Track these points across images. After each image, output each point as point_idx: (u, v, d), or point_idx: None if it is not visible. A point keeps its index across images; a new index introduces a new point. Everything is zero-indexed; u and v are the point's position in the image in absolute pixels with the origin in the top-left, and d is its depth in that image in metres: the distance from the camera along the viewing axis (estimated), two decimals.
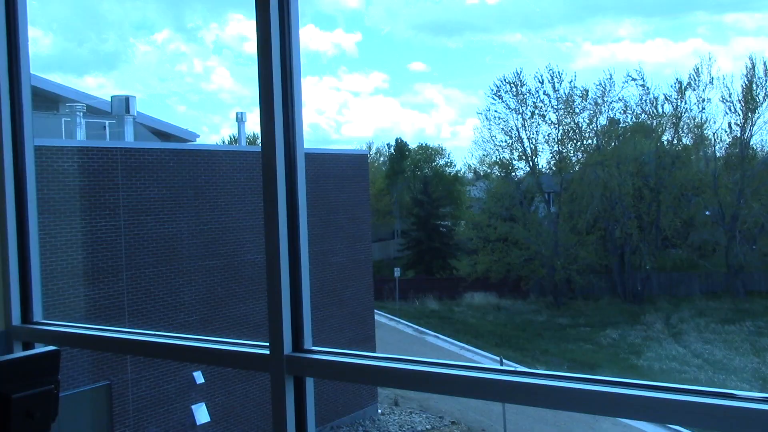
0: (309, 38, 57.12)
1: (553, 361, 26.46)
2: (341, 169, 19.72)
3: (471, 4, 56.21)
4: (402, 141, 56.28)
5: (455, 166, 54.24)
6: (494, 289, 37.58)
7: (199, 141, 24.09)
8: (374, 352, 18.02)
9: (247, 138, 24.89)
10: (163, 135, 21.64)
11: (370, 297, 20.51)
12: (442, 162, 55.16)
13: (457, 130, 64.33)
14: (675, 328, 29.70)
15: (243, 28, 56.52)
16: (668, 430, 18.19)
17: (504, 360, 22.13)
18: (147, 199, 14.94)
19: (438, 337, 29.70)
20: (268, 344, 2.68)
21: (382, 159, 57.55)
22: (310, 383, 2.67)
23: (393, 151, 56.18)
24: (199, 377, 14.96)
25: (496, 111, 40.07)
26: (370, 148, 55.19)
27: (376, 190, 47.39)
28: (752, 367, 24.77)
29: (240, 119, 21.32)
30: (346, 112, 66.34)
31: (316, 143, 69.21)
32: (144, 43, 58.87)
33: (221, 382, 15.87)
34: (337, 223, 19.06)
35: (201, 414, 15.04)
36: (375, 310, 22.11)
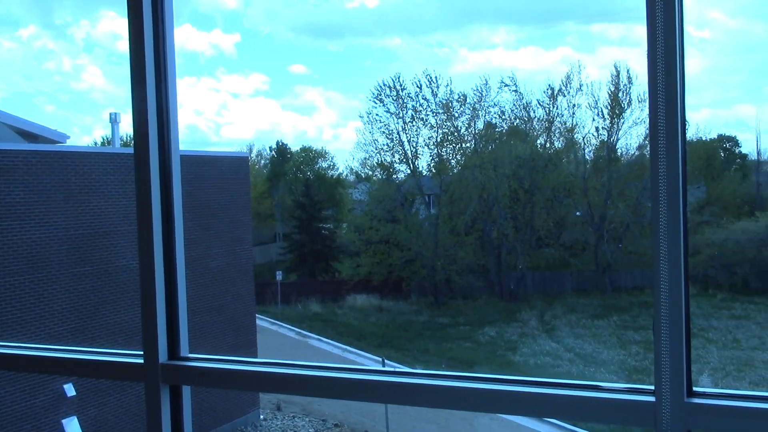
0: (186, 38, 55.82)
1: (434, 360, 26.97)
2: (221, 172, 19.34)
3: (351, 8, 56.63)
4: (283, 143, 55.95)
5: (337, 168, 54.46)
6: (376, 290, 37.90)
7: (69, 142, 22.99)
8: (255, 357, 17.79)
9: (121, 140, 24.00)
10: (29, 136, 20.50)
11: (252, 301, 20.21)
12: (324, 165, 55.21)
13: (339, 133, 64.61)
14: (548, 324, 30.93)
15: (116, 25, 54.55)
16: (544, 422, 18.93)
17: (386, 360, 22.36)
18: (12, 203, 14.12)
19: (321, 340, 29.65)
20: (142, 353, 2.58)
21: (263, 162, 56.94)
22: (187, 392, 2.60)
23: (274, 153, 55.71)
24: (70, 389, 14.26)
25: (377, 114, 40.46)
26: (250, 151, 54.53)
27: (257, 193, 46.81)
28: (619, 359, 26.14)
29: (114, 120, 20.51)
30: (225, 114, 65.25)
31: (194, 145, 67.67)
32: (8, 39, 55.76)
33: (94, 394, 15.21)
34: (216, 227, 18.67)
35: (72, 428, 14.35)
36: (256, 315, 21.82)
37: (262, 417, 19.99)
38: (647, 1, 1.94)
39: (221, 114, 65.25)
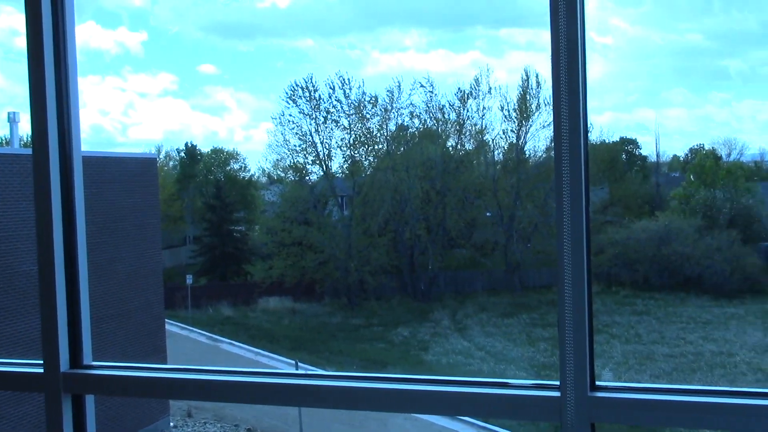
0: (90, 35, 53.94)
1: (347, 361, 27.00)
2: (128, 174, 18.81)
3: (262, 8, 56.02)
4: (193, 145, 54.80)
5: (249, 170, 53.74)
6: (289, 293, 37.62)
7: None
8: (165, 363, 17.37)
9: (21, 140, 23.02)
10: None
11: (160, 306, 19.74)
12: (235, 166, 54.41)
13: (251, 134, 63.76)
14: (460, 323, 31.43)
15: (14, 21, 52.25)
16: (457, 420, 19.21)
17: (300, 363, 22.23)
18: None
19: (233, 344, 29.21)
20: (42, 362, 2.48)
21: (172, 163, 55.66)
22: (90, 401, 2.51)
23: (183, 155, 54.55)
24: None
25: (290, 115, 40.16)
26: (159, 152, 53.17)
27: (166, 195, 45.68)
28: (528, 355, 26.82)
29: (12, 120, 19.68)
30: (132, 114, 63.41)
31: (99, 146, 65.43)
32: None
33: None
34: (123, 230, 18.14)
35: None
36: (166, 320, 21.32)
37: (172, 424, 19.54)
38: (551, 7, 2.00)
39: (128, 114, 63.37)
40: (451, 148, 41.12)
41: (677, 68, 44.95)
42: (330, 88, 39.59)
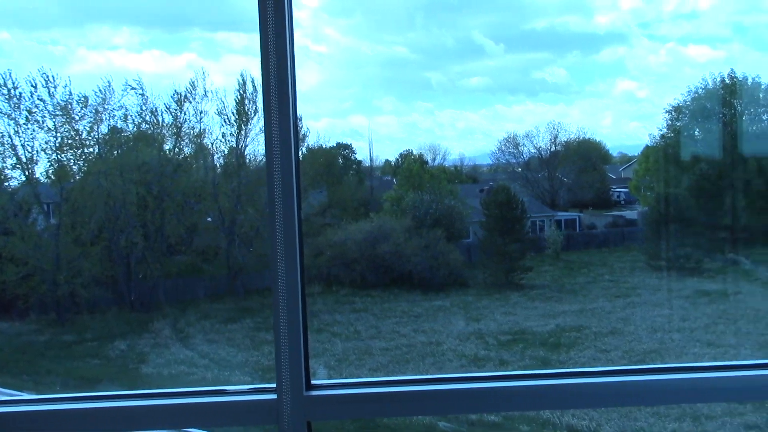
0: None
1: (58, 382, 25.03)
2: None
3: None
4: None
5: None
6: None
7: None
8: None
9: None
10: None
11: None
12: None
13: None
14: (182, 332, 30.60)
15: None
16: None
17: (1, 389, 20.10)
18: None
19: None
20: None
21: None
22: None
23: None
24: None
25: None
26: None
27: None
28: (253, 360, 26.86)
29: None
30: None
31: None
32: None
33: None
34: None
35: None
36: None
37: None
38: (260, 13, 2.01)
39: None
40: (168, 152, 39.86)
41: (386, 78, 47.87)
42: (32, 86, 36.34)
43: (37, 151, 37.41)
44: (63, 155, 38.24)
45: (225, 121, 39.33)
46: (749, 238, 32.05)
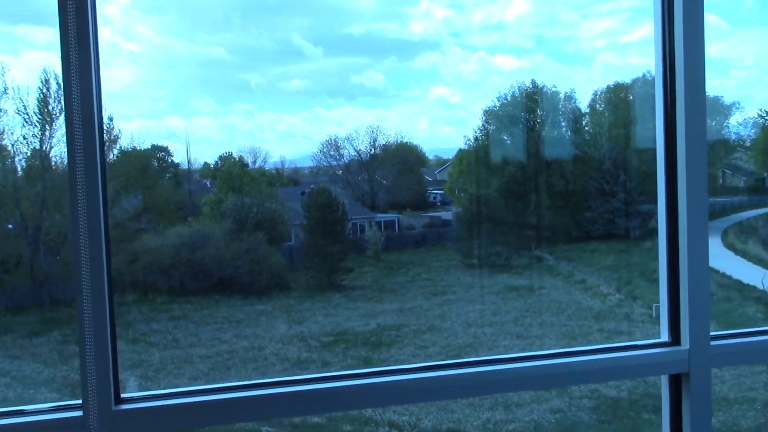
0: None
1: None
2: None
3: None
4: None
5: None
6: None
7: None
8: None
9: None
10: None
11: None
12: None
13: None
14: None
15: None
16: None
17: None
18: None
19: None
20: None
21: None
22: None
23: None
24: None
25: None
26: None
27: None
28: (62, 375, 25.21)
29: None
30: None
31: None
32: None
33: None
34: None
35: None
36: None
37: None
38: (59, 5, 1.89)
39: None
40: None
41: (203, 79, 46.67)
42: None
43: None
44: None
45: (26, 121, 36.71)
46: (552, 236, 34.58)
